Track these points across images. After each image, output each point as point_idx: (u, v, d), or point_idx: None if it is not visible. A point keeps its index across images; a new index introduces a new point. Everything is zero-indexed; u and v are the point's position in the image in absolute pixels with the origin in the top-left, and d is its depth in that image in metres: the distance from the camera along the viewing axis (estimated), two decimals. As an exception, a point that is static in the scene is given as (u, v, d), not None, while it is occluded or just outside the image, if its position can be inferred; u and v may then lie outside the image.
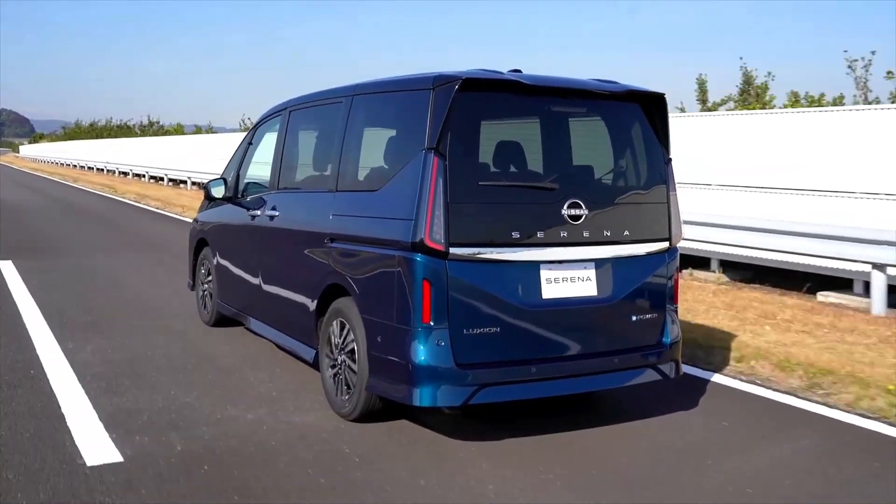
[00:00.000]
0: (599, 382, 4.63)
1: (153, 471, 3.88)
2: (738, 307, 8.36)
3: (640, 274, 4.73)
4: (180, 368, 5.71)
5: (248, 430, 4.50)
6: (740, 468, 4.18)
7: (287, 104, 6.15)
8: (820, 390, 5.54)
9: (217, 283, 6.87)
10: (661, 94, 4.80)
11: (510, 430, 4.58)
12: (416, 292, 4.16)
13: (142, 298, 8.31)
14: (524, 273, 4.35)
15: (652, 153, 4.83)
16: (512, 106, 4.54)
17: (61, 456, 4.03)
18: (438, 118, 4.16)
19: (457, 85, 4.15)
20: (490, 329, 4.25)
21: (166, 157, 34.48)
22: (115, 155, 45.71)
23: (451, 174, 4.15)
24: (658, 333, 4.78)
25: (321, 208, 5.06)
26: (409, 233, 4.17)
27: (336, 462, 4.10)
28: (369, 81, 5.05)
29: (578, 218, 4.43)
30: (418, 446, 4.37)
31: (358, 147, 4.95)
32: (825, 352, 6.45)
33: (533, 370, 4.33)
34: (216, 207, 6.96)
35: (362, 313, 4.54)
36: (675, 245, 4.87)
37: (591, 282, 4.53)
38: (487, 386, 4.23)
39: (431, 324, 4.15)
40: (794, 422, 5.00)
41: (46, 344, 6.24)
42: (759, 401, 5.40)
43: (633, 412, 5.01)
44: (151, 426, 4.49)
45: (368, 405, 4.59)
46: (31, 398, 4.93)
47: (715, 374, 5.93)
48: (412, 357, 4.16)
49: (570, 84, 4.63)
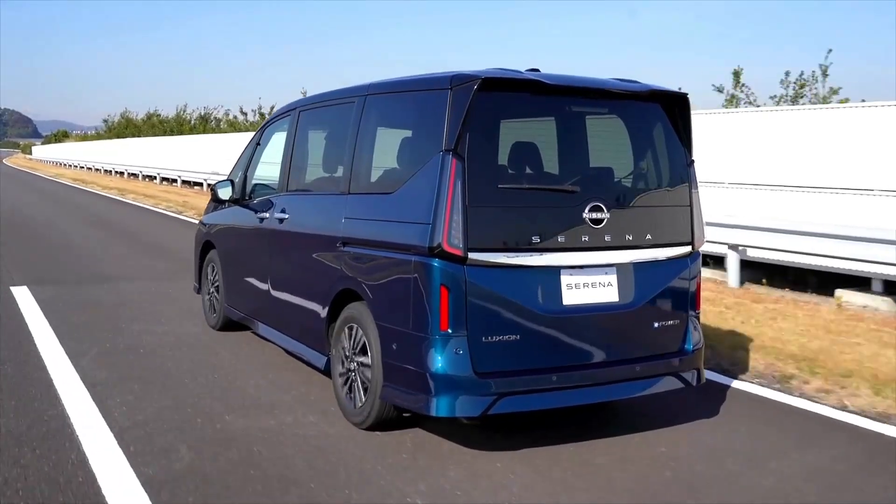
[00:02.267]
0: (621, 391, 4.49)
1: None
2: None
3: (663, 279, 4.60)
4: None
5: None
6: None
7: (296, 104, 6.02)
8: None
9: (224, 286, 6.74)
10: (684, 94, 4.67)
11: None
12: (433, 299, 4.03)
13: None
14: (544, 278, 4.21)
15: (674, 154, 4.70)
16: (531, 106, 4.41)
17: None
18: (457, 119, 4.03)
19: (476, 84, 4.01)
20: (509, 336, 4.12)
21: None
22: (171, 158, 34.16)
23: (469, 177, 4.01)
24: (680, 340, 4.65)
25: (333, 211, 4.93)
26: (426, 237, 4.04)
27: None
28: (383, 81, 4.91)
29: (600, 221, 4.29)
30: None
31: (371, 148, 4.81)
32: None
33: (553, 379, 4.20)
34: (223, 210, 6.83)
35: (376, 320, 4.41)
36: (697, 249, 4.74)
37: (612, 287, 4.40)
38: (507, 395, 4.09)
39: (449, 331, 4.01)
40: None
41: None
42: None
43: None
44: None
45: (382, 413, 4.46)
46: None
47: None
48: (430, 366, 4.03)
49: (591, 83, 4.49)
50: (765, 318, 7.88)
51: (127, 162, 41.42)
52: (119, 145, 48.27)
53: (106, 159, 47.00)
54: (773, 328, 7.41)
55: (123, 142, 48.75)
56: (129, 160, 41.21)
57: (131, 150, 43.05)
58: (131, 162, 40.54)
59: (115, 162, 43.88)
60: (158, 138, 43.58)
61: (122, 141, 49.87)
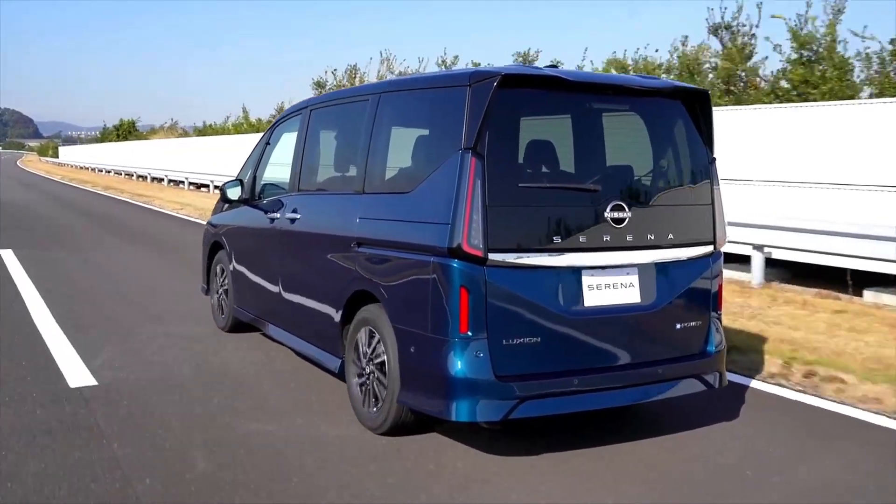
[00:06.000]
0: (644, 394, 4.39)
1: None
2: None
3: (684, 279, 4.50)
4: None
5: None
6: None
7: (307, 103, 5.92)
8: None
9: (233, 287, 6.65)
10: (706, 91, 4.59)
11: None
12: (452, 301, 3.93)
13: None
14: (566, 279, 4.12)
15: (695, 152, 4.61)
16: (551, 103, 4.31)
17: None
18: (476, 116, 3.93)
19: (495, 81, 3.91)
20: (530, 339, 4.02)
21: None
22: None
23: (489, 176, 3.92)
24: (702, 341, 4.56)
25: (347, 211, 4.83)
26: (445, 238, 3.94)
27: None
28: (398, 78, 4.83)
29: (622, 221, 4.20)
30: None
31: (386, 147, 4.71)
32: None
33: (575, 382, 4.10)
34: (232, 210, 6.74)
35: (393, 322, 4.31)
36: (719, 248, 4.65)
37: (634, 288, 4.31)
38: (528, 399, 4.00)
39: (469, 334, 3.92)
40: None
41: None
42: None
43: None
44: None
45: (399, 418, 4.37)
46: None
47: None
48: (449, 369, 3.93)
49: (612, 80, 4.41)
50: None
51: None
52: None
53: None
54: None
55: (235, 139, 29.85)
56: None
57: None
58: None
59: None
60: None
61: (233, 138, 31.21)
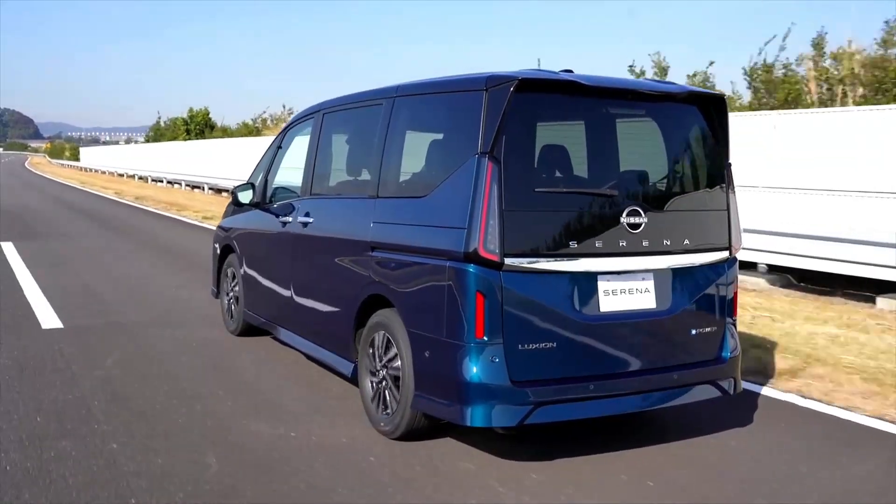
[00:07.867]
0: (659, 399, 4.37)
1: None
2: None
3: (700, 285, 4.49)
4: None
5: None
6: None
7: (320, 106, 5.91)
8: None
9: (244, 291, 6.64)
10: (722, 96, 4.57)
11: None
12: (468, 305, 3.92)
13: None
14: (582, 284, 4.11)
15: (711, 157, 4.59)
16: (568, 108, 4.30)
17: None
18: (492, 121, 3.92)
19: (513, 86, 3.91)
20: (546, 344, 4.01)
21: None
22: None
23: (505, 180, 3.90)
24: (717, 348, 4.54)
25: (360, 215, 4.82)
26: (461, 242, 3.93)
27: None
28: (413, 82, 4.81)
29: (638, 226, 4.19)
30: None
31: (401, 151, 4.70)
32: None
33: (591, 387, 4.09)
34: (243, 213, 6.74)
35: (408, 327, 4.30)
36: (735, 254, 4.63)
37: (649, 293, 4.29)
38: (544, 405, 3.98)
39: (485, 339, 3.90)
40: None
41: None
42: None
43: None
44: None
45: (413, 423, 4.35)
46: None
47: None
48: (465, 374, 3.92)
49: (629, 85, 4.40)
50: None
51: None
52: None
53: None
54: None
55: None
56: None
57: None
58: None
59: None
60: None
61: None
